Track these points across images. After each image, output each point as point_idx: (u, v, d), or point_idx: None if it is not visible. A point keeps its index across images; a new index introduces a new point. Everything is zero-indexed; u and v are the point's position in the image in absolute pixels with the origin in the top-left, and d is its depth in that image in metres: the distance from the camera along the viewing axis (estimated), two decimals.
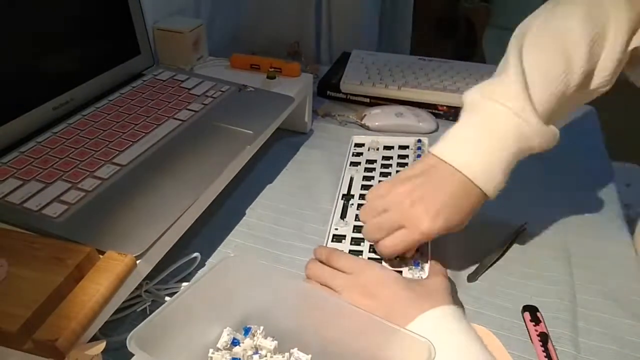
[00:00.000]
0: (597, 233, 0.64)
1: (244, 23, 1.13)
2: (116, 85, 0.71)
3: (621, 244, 0.63)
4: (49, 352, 0.37)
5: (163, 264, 0.52)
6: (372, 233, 0.53)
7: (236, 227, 0.64)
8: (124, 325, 0.51)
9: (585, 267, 0.59)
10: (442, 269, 0.53)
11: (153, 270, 0.49)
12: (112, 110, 0.66)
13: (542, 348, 0.49)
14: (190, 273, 0.57)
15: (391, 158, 0.70)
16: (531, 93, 0.50)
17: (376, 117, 0.86)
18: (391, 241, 0.52)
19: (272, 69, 0.80)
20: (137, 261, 0.46)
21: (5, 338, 0.37)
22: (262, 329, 0.46)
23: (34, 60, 0.60)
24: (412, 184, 0.51)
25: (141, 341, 0.38)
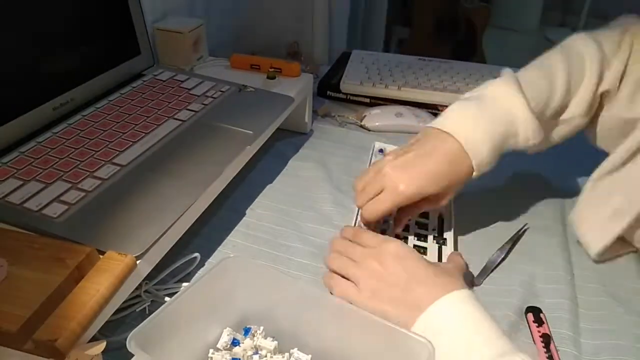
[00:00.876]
0: None
1: (244, 23, 1.13)
2: (116, 85, 0.72)
3: None
4: (49, 352, 0.37)
5: (163, 264, 0.52)
6: (360, 199, 0.56)
7: (236, 227, 0.64)
8: (124, 325, 0.51)
9: (586, 268, 0.59)
10: (462, 260, 0.56)
11: (153, 270, 0.49)
12: (112, 110, 0.67)
13: (545, 349, 0.49)
14: (190, 273, 0.56)
15: None
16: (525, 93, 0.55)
17: (376, 118, 0.86)
18: (372, 204, 0.55)
19: (272, 69, 0.80)
20: (137, 261, 0.46)
21: (5, 338, 0.37)
22: (262, 329, 0.46)
23: (34, 60, 0.60)
24: (402, 151, 0.56)
25: (141, 341, 0.38)
